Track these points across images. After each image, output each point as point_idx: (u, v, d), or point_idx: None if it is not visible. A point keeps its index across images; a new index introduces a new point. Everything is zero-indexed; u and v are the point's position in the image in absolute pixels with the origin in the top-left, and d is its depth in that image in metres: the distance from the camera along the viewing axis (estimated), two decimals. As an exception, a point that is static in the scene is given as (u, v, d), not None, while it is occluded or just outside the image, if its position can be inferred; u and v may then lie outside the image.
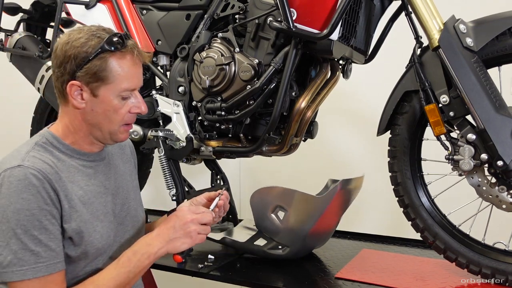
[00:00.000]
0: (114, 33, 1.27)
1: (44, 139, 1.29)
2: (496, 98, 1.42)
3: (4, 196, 1.16)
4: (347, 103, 2.50)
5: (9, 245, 1.14)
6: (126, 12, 1.92)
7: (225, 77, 1.69)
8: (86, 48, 1.23)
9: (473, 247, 1.50)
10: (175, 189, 1.89)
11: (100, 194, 1.34)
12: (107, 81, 1.26)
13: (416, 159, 1.60)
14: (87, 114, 1.28)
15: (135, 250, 1.27)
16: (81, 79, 1.24)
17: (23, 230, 1.15)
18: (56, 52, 1.26)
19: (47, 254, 1.17)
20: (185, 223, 1.28)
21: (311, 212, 1.61)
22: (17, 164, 1.18)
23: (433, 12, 1.49)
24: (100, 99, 1.27)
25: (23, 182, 1.16)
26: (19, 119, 2.68)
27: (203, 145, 1.81)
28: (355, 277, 1.57)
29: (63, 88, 1.27)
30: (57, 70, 1.26)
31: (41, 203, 1.17)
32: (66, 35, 1.26)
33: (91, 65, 1.23)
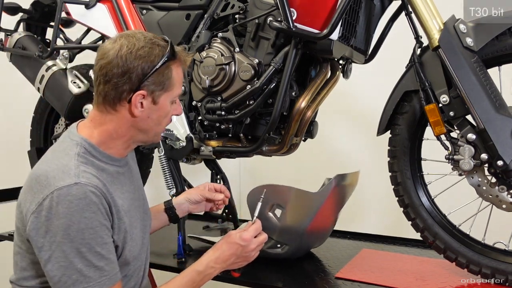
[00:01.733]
0: (169, 41, 1.28)
1: (83, 149, 1.25)
2: (496, 98, 1.42)
3: (63, 216, 1.13)
4: (347, 103, 2.50)
5: (73, 263, 1.14)
6: (126, 12, 1.92)
7: (225, 77, 1.69)
8: (152, 57, 1.23)
9: (473, 247, 1.50)
10: (175, 189, 1.89)
11: (132, 201, 1.35)
12: (169, 89, 1.28)
13: (416, 159, 1.60)
14: (141, 121, 1.28)
15: (200, 271, 1.33)
16: (147, 88, 1.24)
17: (88, 248, 1.15)
18: (112, 61, 1.21)
19: (109, 267, 1.19)
20: (247, 251, 1.35)
21: (307, 208, 1.61)
22: (73, 182, 1.15)
23: (433, 12, 1.49)
24: (159, 106, 1.28)
25: (84, 200, 1.15)
26: (19, 119, 2.68)
27: (203, 145, 1.81)
28: (355, 277, 1.57)
29: (120, 97, 1.24)
30: (117, 79, 1.21)
31: (101, 219, 1.18)
32: (124, 44, 1.22)
33: (159, 74, 1.24)
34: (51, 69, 2.02)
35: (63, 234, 1.14)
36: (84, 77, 2.02)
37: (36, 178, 1.20)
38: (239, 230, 1.39)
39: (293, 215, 1.59)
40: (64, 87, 1.98)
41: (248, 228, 1.39)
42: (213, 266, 1.34)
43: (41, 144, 2.31)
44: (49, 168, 1.20)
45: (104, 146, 1.28)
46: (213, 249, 1.37)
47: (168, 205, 1.60)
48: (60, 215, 1.14)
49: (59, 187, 1.15)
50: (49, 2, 2.15)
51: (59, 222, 1.14)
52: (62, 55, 2.05)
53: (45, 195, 1.16)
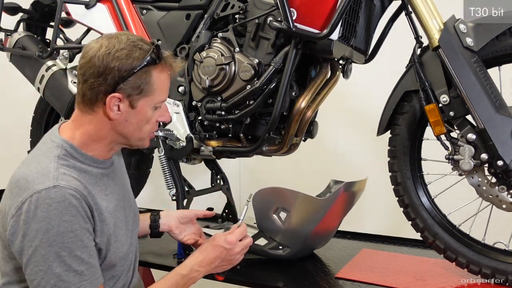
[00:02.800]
0: (154, 44, 1.23)
1: (63, 151, 1.22)
2: (496, 98, 1.42)
3: (42, 219, 1.11)
4: (347, 103, 2.50)
5: (51, 268, 1.12)
6: (126, 12, 1.92)
7: (225, 77, 1.69)
8: (131, 60, 1.19)
9: (473, 247, 1.50)
10: (175, 189, 1.89)
11: (117, 201, 1.33)
12: (148, 94, 1.24)
13: (416, 159, 1.60)
14: (119, 125, 1.25)
15: (184, 274, 1.32)
16: (123, 91, 1.20)
17: (68, 252, 1.13)
18: (91, 61, 1.19)
19: (89, 272, 1.16)
20: (232, 254, 1.36)
21: (313, 214, 1.61)
22: (52, 185, 1.13)
23: (433, 12, 1.49)
24: (137, 111, 1.24)
25: (63, 203, 1.13)
26: (19, 119, 2.68)
27: (203, 145, 1.81)
28: (355, 277, 1.57)
29: (97, 98, 1.21)
30: (93, 80, 1.19)
31: (82, 222, 1.16)
32: (103, 45, 1.20)
33: (136, 78, 1.20)
34: (51, 69, 2.02)
35: (41, 238, 1.11)
36: (84, 77, 2.02)
37: (16, 181, 1.18)
38: (224, 233, 1.38)
39: (297, 220, 1.59)
40: (64, 87, 1.99)
41: (233, 231, 1.39)
42: (197, 269, 1.34)
43: (41, 144, 2.31)
44: (29, 171, 1.18)
45: (86, 148, 1.26)
46: (198, 251, 1.37)
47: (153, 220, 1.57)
48: (39, 218, 1.11)
49: (37, 190, 1.13)
50: (49, 2, 2.15)
51: (37, 225, 1.11)
52: (62, 55, 2.05)
53: (24, 198, 1.13)
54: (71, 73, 2.02)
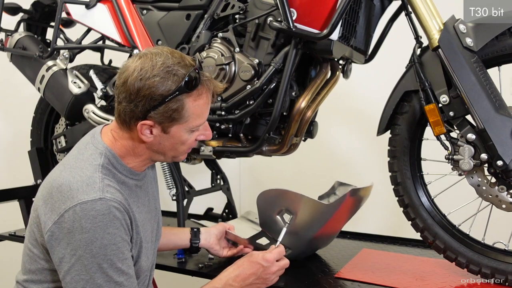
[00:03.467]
0: (191, 69, 1.19)
1: (107, 160, 1.23)
2: (496, 98, 1.42)
3: (87, 230, 1.12)
4: (347, 103, 2.50)
5: (93, 278, 1.14)
6: (126, 12, 1.92)
7: (225, 77, 1.69)
8: (161, 90, 1.16)
9: (473, 247, 1.50)
10: (175, 189, 1.89)
11: (146, 214, 1.34)
12: (181, 121, 1.22)
13: (416, 159, 1.60)
14: (153, 145, 1.25)
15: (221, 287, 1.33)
16: (154, 119, 1.19)
17: (109, 264, 1.15)
18: (124, 84, 1.18)
19: (128, 282, 1.19)
20: (268, 273, 1.36)
21: (317, 218, 1.60)
22: (98, 197, 1.14)
23: (433, 12, 1.49)
24: (170, 135, 1.24)
25: (108, 216, 1.14)
26: (20, 119, 2.68)
27: (203, 145, 1.81)
28: (355, 277, 1.57)
29: (130, 121, 1.21)
30: (125, 104, 1.19)
31: (123, 234, 1.18)
32: (137, 69, 1.17)
33: (167, 108, 1.18)
34: (52, 69, 2.02)
35: (85, 249, 1.13)
36: (84, 77, 2.03)
37: (58, 187, 1.18)
38: (263, 251, 1.40)
39: (301, 223, 1.58)
40: (65, 87, 1.99)
41: (272, 250, 1.40)
42: (232, 284, 1.33)
43: (41, 144, 2.31)
44: (73, 178, 1.18)
45: (126, 160, 1.27)
46: (234, 266, 1.37)
47: (194, 235, 1.61)
48: (84, 229, 1.13)
49: (83, 201, 1.14)
50: (49, 2, 2.15)
51: (82, 236, 1.13)
52: (62, 55, 2.05)
53: (67, 206, 1.14)
54: (71, 73, 2.02)
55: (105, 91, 1.96)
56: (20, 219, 2.17)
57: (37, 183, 2.24)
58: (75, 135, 2.06)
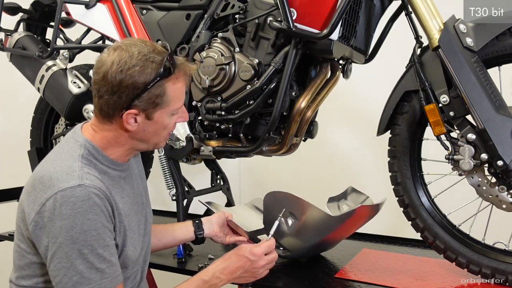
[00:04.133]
0: (166, 54, 1.23)
1: (87, 151, 1.25)
2: (496, 98, 1.42)
3: (66, 217, 1.13)
4: (347, 103, 2.50)
5: (74, 265, 1.14)
6: (126, 12, 1.92)
7: (225, 77, 1.69)
8: (143, 77, 1.19)
9: (473, 247, 1.50)
10: (175, 189, 1.89)
11: (131, 205, 1.34)
12: (164, 105, 1.25)
13: (416, 159, 1.60)
14: (137, 133, 1.27)
15: (205, 280, 1.34)
16: (138, 107, 1.22)
17: (90, 250, 1.15)
18: (104, 78, 1.20)
19: (110, 270, 1.19)
20: (255, 267, 1.37)
21: (321, 228, 1.59)
22: (77, 183, 1.15)
23: (433, 12, 1.49)
24: (154, 121, 1.26)
25: (87, 202, 1.15)
26: (19, 119, 2.68)
27: (203, 145, 1.81)
28: (355, 277, 1.57)
29: (113, 114, 1.23)
30: (108, 97, 1.21)
31: (104, 221, 1.18)
32: (115, 61, 1.19)
33: (150, 94, 1.21)
34: (51, 69, 2.02)
35: (65, 235, 1.14)
36: (84, 77, 2.02)
37: (40, 178, 1.20)
38: (251, 244, 1.41)
39: (304, 230, 1.57)
40: (64, 87, 1.99)
41: (261, 244, 1.40)
42: (219, 276, 1.35)
43: (41, 144, 2.31)
44: (53, 169, 1.20)
45: (107, 151, 1.28)
46: (222, 259, 1.38)
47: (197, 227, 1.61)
48: (63, 216, 1.14)
49: (62, 188, 1.15)
50: (49, 2, 2.15)
51: (62, 223, 1.14)
52: (62, 55, 2.05)
53: (48, 195, 1.16)
54: (71, 73, 2.02)
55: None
56: (20, 219, 2.17)
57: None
58: (75, 135, 2.06)
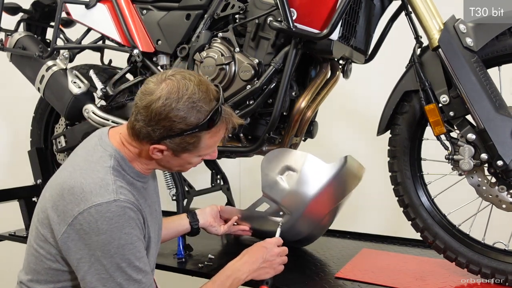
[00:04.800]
0: (216, 105, 1.20)
1: (116, 162, 1.25)
2: (496, 98, 1.42)
3: (103, 232, 1.15)
4: (347, 103, 2.50)
5: (113, 277, 1.16)
6: (126, 12, 1.92)
7: (225, 77, 1.69)
8: (182, 124, 1.18)
9: (473, 246, 1.50)
10: (175, 189, 1.89)
11: (151, 214, 1.36)
12: (194, 151, 1.26)
13: (416, 159, 1.60)
14: (161, 161, 1.29)
15: (228, 274, 1.37)
16: (168, 145, 1.22)
17: (128, 263, 1.18)
18: (146, 106, 1.18)
19: (146, 279, 1.22)
20: (272, 255, 1.45)
21: (318, 177, 1.61)
22: (112, 199, 1.16)
23: (433, 12, 1.49)
24: (180, 158, 1.27)
25: (123, 217, 1.16)
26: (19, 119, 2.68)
27: (203, 145, 1.81)
28: (355, 277, 1.57)
29: (143, 139, 1.23)
30: (143, 124, 1.20)
31: (139, 233, 1.21)
32: (163, 96, 1.16)
33: (183, 140, 1.21)
34: (51, 69, 2.02)
35: (103, 249, 1.15)
36: (84, 77, 2.02)
37: (70, 189, 1.19)
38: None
39: (302, 180, 1.59)
40: (64, 87, 1.99)
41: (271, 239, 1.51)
42: (240, 269, 1.39)
43: (41, 144, 2.31)
44: (85, 180, 1.19)
45: (133, 163, 1.29)
46: (239, 256, 1.44)
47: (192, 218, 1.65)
48: (100, 231, 1.15)
49: (98, 203, 1.15)
50: (49, 2, 2.15)
51: (99, 238, 1.15)
52: (62, 55, 2.05)
53: (81, 209, 1.15)
54: (71, 73, 2.02)
55: (105, 91, 1.96)
56: (20, 219, 2.17)
57: (37, 183, 2.23)
58: (75, 135, 2.06)
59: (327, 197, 1.70)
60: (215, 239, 2.06)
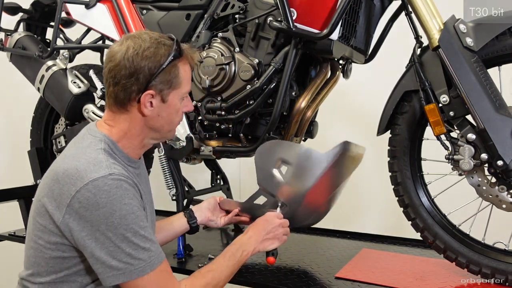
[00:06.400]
0: (174, 39, 1.30)
1: (107, 146, 1.27)
2: (496, 98, 1.42)
3: (103, 205, 1.17)
4: (347, 103, 2.50)
5: (121, 248, 1.18)
6: (126, 12, 1.92)
7: (225, 76, 1.69)
8: (158, 57, 1.25)
9: (473, 246, 1.50)
10: (175, 189, 1.89)
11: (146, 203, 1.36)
12: (177, 86, 1.30)
13: (416, 159, 1.60)
14: (151, 120, 1.31)
15: (237, 247, 1.41)
16: (155, 87, 1.27)
17: (132, 232, 1.19)
18: (120, 63, 1.25)
19: (155, 248, 1.23)
20: (274, 226, 1.48)
21: (313, 168, 1.60)
22: (107, 173, 1.19)
23: (433, 12, 1.49)
24: (168, 104, 1.31)
25: (121, 189, 1.19)
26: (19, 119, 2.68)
27: (203, 145, 1.82)
28: (355, 277, 1.57)
29: (130, 98, 1.27)
30: (125, 81, 1.25)
31: (138, 205, 1.23)
32: (130, 46, 1.25)
33: (165, 74, 1.27)
34: (51, 69, 2.02)
35: (106, 223, 1.17)
36: (84, 77, 2.02)
37: (64, 171, 1.21)
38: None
39: (298, 173, 1.58)
40: (64, 87, 1.99)
41: None
42: (247, 242, 1.43)
43: (41, 144, 2.31)
44: (78, 162, 1.22)
45: (121, 144, 1.31)
46: (244, 232, 1.48)
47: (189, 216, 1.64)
48: (100, 205, 1.16)
49: (94, 178, 1.17)
50: (49, 2, 2.15)
51: (99, 211, 1.16)
52: (62, 55, 2.05)
53: (78, 187, 1.18)
54: (71, 73, 2.02)
55: (105, 91, 1.96)
56: (20, 219, 2.17)
57: (37, 183, 2.23)
58: (75, 135, 2.05)
59: (325, 186, 1.68)
60: (215, 239, 2.06)
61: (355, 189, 2.56)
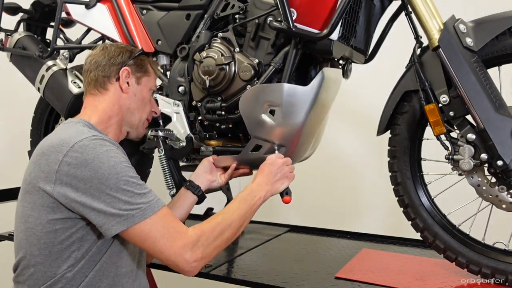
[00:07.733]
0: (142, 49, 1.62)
1: (86, 125, 1.38)
2: (496, 98, 1.42)
3: (91, 160, 1.23)
4: (347, 103, 2.50)
5: (118, 198, 1.22)
6: (126, 12, 1.92)
7: (225, 77, 1.69)
8: (130, 49, 1.54)
9: (473, 246, 1.50)
10: (175, 189, 1.89)
11: None
12: (147, 73, 1.54)
13: (416, 159, 1.61)
14: (128, 98, 1.49)
15: (248, 192, 1.45)
16: (130, 67, 1.49)
17: (125, 181, 1.24)
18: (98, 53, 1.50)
19: (151, 194, 1.28)
20: (279, 167, 1.52)
21: (301, 102, 1.59)
22: (90, 135, 1.28)
23: (433, 12, 1.49)
24: (141, 87, 1.52)
25: (105, 145, 1.27)
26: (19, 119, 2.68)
27: (203, 145, 1.81)
28: (355, 277, 1.57)
29: (110, 75, 1.47)
30: (105, 62, 1.47)
31: (126, 159, 1.31)
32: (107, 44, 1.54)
33: (137, 60, 1.52)
34: (51, 69, 2.02)
35: (97, 176, 1.22)
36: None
37: (49, 145, 1.28)
38: None
39: (287, 113, 1.58)
40: (64, 87, 1.99)
41: None
42: (257, 189, 1.46)
43: (41, 144, 2.31)
44: (62, 135, 1.30)
45: (101, 126, 1.43)
46: (252, 180, 1.51)
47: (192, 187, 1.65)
48: (88, 160, 1.23)
49: (78, 140, 1.26)
50: (49, 2, 2.15)
51: (89, 167, 1.22)
52: (62, 55, 2.05)
53: (64, 151, 1.24)
54: (71, 73, 2.02)
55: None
56: (20, 219, 2.16)
57: (37, 183, 2.23)
58: (75, 135, 2.06)
59: (316, 115, 1.68)
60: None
61: (355, 189, 2.57)
